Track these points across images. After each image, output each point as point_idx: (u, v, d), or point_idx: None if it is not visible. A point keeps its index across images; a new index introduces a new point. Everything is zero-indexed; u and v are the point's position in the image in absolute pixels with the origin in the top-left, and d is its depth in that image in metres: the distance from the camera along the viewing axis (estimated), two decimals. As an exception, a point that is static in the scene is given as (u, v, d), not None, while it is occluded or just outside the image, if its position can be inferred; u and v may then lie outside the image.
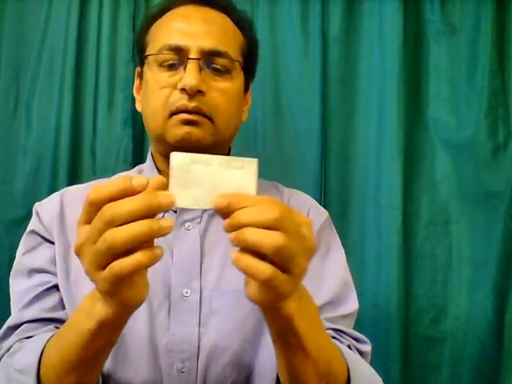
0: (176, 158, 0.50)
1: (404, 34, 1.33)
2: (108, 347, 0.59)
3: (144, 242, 0.48)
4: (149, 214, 0.47)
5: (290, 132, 1.36)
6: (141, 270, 0.49)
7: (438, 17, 1.36)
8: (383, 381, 1.26)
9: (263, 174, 1.31)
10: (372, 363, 1.28)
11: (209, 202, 0.49)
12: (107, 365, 0.70)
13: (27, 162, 1.32)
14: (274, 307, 0.54)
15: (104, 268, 0.49)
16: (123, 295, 0.51)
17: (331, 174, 1.35)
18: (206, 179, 0.49)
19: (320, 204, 1.32)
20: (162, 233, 0.48)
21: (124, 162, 1.31)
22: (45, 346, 0.63)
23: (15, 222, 1.26)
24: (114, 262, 0.47)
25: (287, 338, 0.57)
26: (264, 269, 0.48)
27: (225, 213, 0.49)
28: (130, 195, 0.48)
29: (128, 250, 0.47)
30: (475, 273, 1.31)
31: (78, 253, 0.51)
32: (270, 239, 0.47)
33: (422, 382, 1.30)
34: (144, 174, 0.85)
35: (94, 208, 0.49)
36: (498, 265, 1.29)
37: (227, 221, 0.49)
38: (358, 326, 1.29)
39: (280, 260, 0.48)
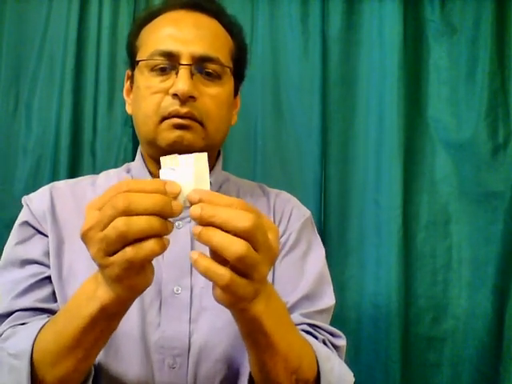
0: (161, 162, 0.53)
1: (404, 34, 1.33)
2: (107, 333, 0.59)
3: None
4: (160, 215, 0.49)
5: (290, 132, 1.36)
6: (153, 257, 0.50)
7: (437, 17, 1.36)
8: (383, 381, 1.27)
9: (263, 174, 1.32)
10: (372, 363, 1.29)
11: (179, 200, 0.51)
12: (99, 359, 0.70)
13: (27, 162, 1.33)
14: (241, 309, 0.55)
15: (112, 255, 0.49)
16: (131, 281, 0.52)
17: (331, 174, 1.35)
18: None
19: (320, 204, 1.34)
20: (168, 233, 0.50)
21: (124, 161, 1.31)
22: (39, 331, 0.63)
23: (15, 221, 1.26)
24: (128, 248, 0.48)
25: (256, 337, 0.59)
26: (222, 274, 0.49)
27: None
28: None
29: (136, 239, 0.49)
30: (475, 273, 1.31)
31: (84, 238, 0.51)
32: (233, 247, 0.48)
33: (422, 382, 1.30)
34: (133, 174, 0.86)
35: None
36: (498, 265, 1.29)
37: (198, 210, 0.49)
38: (358, 326, 1.30)
39: (241, 267, 0.50)
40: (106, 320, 0.56)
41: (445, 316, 1.31)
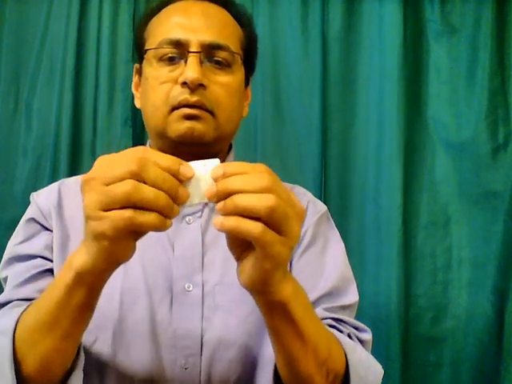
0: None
1: (404, 34, 1.33)
2: (85, 310, 0.56)
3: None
4: (167, 192, 0.48)
5: (290, 132, 1.36)
6: (148, 230, 0.49)
7: (438, 17, 1.36)
8: (383, 381, 1.26)
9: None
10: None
11: (197, 198, 0.51)
12: (109, 358, 0.68)
13: (27, 162, 1.33)
14: (269, 291, 0.53)
15: (105, 211, 0.48)
16: (112, 244, 0.49)
17: (331, 174, 1.35)
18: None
19: (320, 204, 1.34)
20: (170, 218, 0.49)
21: (124, 161, 1.31)
22: (26, 308, 0.62)
23: (15, 221, 1.25)
24: (130, 210, 0.47)
25: (285, 325, 0.56)
26: (255, 224, 0.47)
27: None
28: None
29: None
30: (475, 273, 1.31)
31: (85, 185, 0.50)
32: (263, 200, 0.47)
33: (422, 381, 1.30)
34: None
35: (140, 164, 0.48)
36: (498, 265, 1.29)
37: (216, 188, 0.49)
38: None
39: (274, 221, 0.48)
40: (81, 290, 0.54)
41: (445, 316, 1.31)
